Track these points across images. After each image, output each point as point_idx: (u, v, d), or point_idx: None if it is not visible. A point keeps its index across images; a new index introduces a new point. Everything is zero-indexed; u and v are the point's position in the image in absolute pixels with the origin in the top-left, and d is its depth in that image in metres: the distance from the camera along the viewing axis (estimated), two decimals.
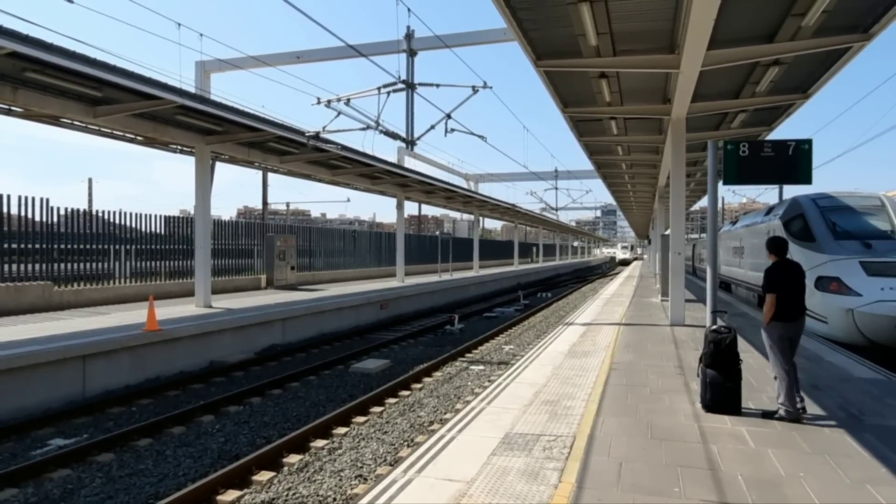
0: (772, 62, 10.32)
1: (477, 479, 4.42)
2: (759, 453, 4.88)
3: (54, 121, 12.07)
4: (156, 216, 17.66)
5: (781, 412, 5.77)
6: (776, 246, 6.01)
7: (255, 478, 6.34)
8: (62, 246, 14.81)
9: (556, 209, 48.79)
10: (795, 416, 5.72)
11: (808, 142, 6.35)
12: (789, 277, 5.83)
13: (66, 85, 10.18)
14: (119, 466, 6.71)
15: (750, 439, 5.23)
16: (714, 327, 6.15)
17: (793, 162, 6.40)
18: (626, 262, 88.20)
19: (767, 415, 5.87)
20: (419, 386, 10.63)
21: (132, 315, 12.76)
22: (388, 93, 14.77)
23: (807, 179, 6.43)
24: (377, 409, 9.09)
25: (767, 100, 12.64)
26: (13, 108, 11.02)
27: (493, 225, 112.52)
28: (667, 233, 20.38)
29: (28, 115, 11.49)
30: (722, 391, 5.98)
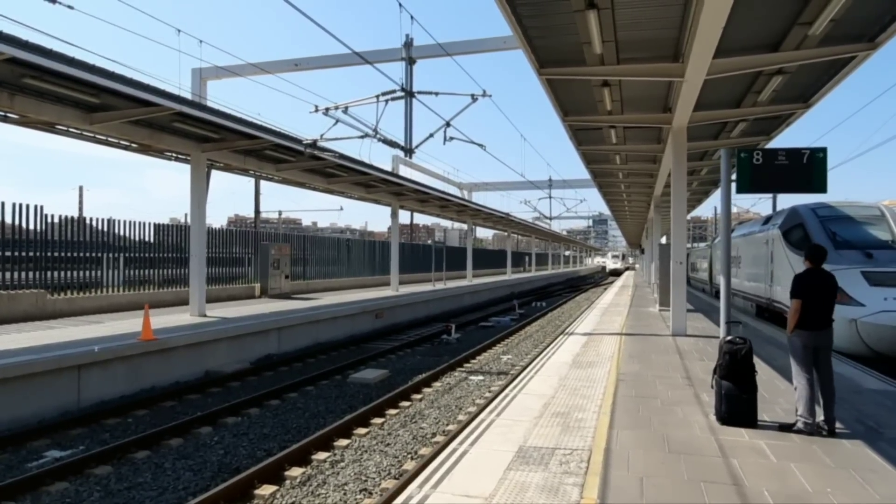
0: (775, 71, 10.32)
1: (496, 495, 4.28)
2: (782, 468, 4.77)
3: (50, 127, 11.86)
4: (148, 224, 17.43)
5: (800, 424, 5.66)
6: (813, 253, 5.89)
7: (258, 492, 6.19)
8: (56, 254, 14.57)
9: (550, 218, 48.84)
10: (814, 428, 5.61)
11: (823, 150, 6.29)
12: (818, 286, 5.71)
13: (63, 91, 10.01)
14: (117, 480, 6.53)
15: (770, 453, 5.12)
16: (729, 338, 6.05)
17: (807, 170, 6.33)
18: (616, 273, 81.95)
19: (785, 427, 5.76)
20: (419, 397, 10.48)
21: (126, 324, 12.53)
22: (387, 101, 14.70)
23: (822, 188, 6.36)
24: (378, 420, 8.94)
25: (768, 109, 12.65)
26: (9, 115, 10.82)
27: (484, 234, 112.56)
28: (664, 241, 20.37)
29: (24, 122, 11.29)
30: (738, 403, 5.87)
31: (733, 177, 6.79)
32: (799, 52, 9.37)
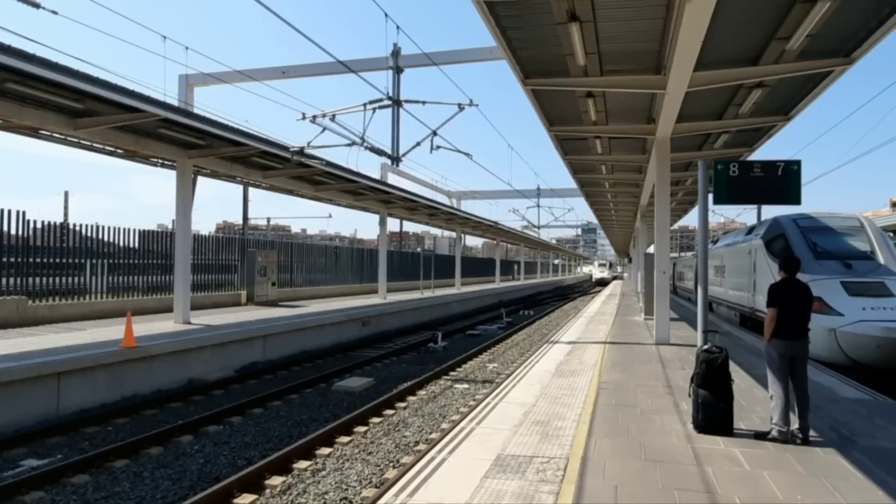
0: (755, 84, 10.48)
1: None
2: (755, 475, 4.83)
3: (33, 132, 11.80)
4: (133, 230, 17.35)
5: (774, 433, 5.73)
6: (787, 264, 6.02)
7: (237, 501, 6.15)
8: (37, 260, 14.45)
9: (539, 227, 49.00)
10: (788, 437, 5.68)
11: (797, 163, 6.40)
12: (793, 295, 5.81)
13: (46, 96, 9.97)
14: (95, 489, 6.47)
15: (744, 461, 5.18)
16: (706, 347, 6.11)
17: (782, 182, 6.44)
18: (603, 283, 79.01)
19: (760, 436, 5.83)
20: (403, 405, 10.46)
21: (109, 331, 12.44)
22: (374, 109, 14.75)
23: (796, 200, 6.47)
24: (361, 428, 8.91)
25: (750, 121, 12.82)
26: None
27: (473, 242, 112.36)
28: (650, 251, 20.48)
29: (6, 127, 11.22)
30: (714, 412, 5.94)
31: (712, 188, 6.87)
32: (778, 65, 9.52)
